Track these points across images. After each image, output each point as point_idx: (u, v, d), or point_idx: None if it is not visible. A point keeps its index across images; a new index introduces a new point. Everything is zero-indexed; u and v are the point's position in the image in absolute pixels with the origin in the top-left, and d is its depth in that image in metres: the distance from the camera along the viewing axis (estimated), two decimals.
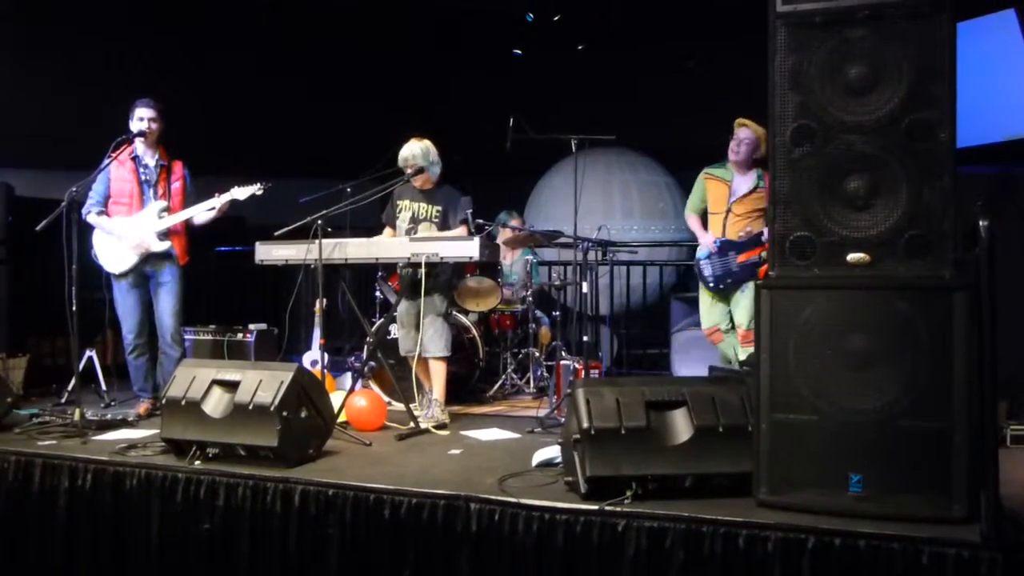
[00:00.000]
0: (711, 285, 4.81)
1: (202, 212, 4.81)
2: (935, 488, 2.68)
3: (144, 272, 4.82)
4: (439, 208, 4.68)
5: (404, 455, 3.86)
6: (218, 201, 4.76)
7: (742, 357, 4.61)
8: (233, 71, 7.73)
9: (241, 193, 4.71)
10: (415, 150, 4.60)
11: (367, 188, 4.73)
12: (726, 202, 4.79)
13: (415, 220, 4.70)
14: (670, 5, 7.23)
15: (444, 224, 4.68)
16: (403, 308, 4.72)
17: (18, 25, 6.80)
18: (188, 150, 5.05)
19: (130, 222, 4.76)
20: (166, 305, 4.81)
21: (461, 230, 4.64)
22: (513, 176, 8.01)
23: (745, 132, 4.73)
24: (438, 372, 4.64)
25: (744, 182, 4.76)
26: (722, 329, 4.86)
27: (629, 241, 7.20)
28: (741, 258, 4.70)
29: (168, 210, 4.80)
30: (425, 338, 4.57)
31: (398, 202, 4.77)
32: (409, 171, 4.58)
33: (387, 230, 4.84)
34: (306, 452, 3.64)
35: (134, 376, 4.92)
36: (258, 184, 4.69)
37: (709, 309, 4.90)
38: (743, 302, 4.67)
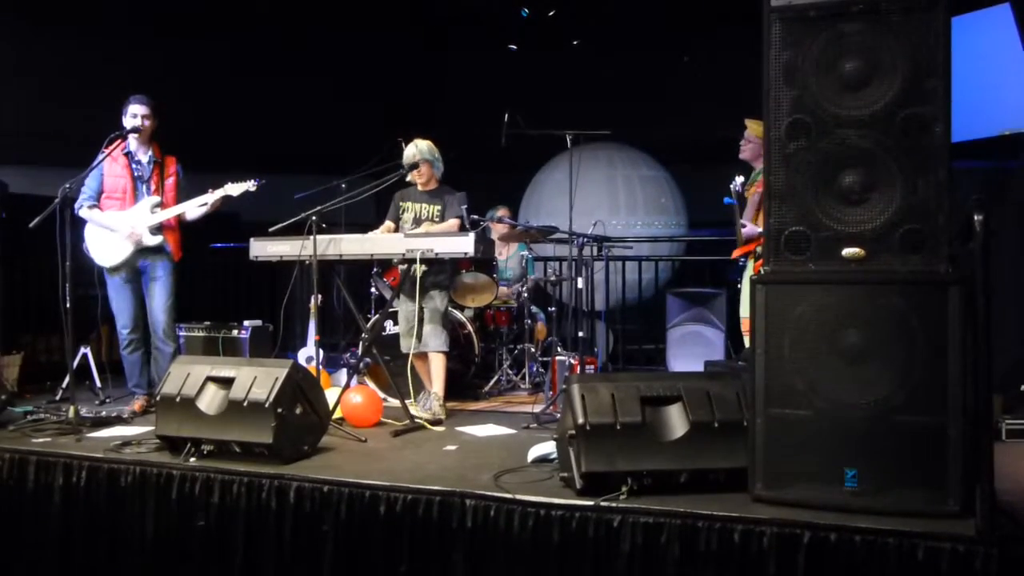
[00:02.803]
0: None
1: (194, 208, 4.80)
2: (930, 483, 2.68)
3: (137, 267, 4.81)
4: (439, 207, 4.73)
5: (399, 451, 3.85)
6: (211, 197, 4.75)
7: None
8: (229, 68, 7.71)
9: (234, 189, 4.71)
10: (421, 146, 4.70)
11: (362, 184, 4.73)
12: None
13: (418, 221, 4.74)
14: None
15: (443, 222, 4.70)
16: (402, 305, 4.72)
17: (15, 22, 6.78)
18: (183, 147, 5.03)
19: (123, 216, 4.75)
20: (159, 301, 4.80)
21: (452, 223, 4.66)
22: (509, 171, 8.00)
23: (747, 132, 4.67)
24: (438, 365, 4.65)
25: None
26: None
27: (635, 236, 7.18)
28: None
29: (161, 205, 4.80)
30: (426, 334, 4.61)
31: (401, 203, 4.82)
32: (411, 165, 4.61)
33: (384, 225, 4.84)
34: (301, 449, 3.64)
35: (129, 372, 4.92)
36: (252, 181, 4.68)
37: (743, 298, 4.79)
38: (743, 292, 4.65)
